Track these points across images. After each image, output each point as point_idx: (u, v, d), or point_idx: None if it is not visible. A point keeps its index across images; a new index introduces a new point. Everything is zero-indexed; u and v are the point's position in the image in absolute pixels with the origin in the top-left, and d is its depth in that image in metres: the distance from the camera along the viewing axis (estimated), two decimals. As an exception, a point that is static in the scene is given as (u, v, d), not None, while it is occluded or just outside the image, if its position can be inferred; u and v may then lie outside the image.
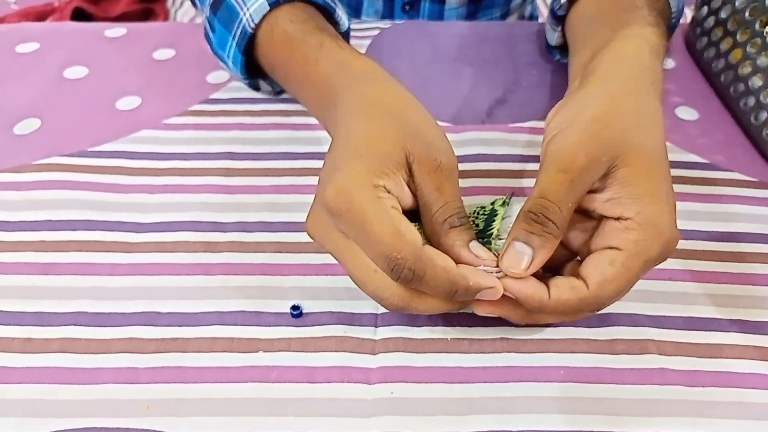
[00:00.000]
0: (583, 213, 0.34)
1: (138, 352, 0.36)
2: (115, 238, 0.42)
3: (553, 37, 0.52)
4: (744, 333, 0.37)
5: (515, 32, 0.60)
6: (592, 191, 0.32)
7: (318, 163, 0.47)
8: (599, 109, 0.33)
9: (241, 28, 0.44)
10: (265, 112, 0.51)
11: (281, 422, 0.33)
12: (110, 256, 0.41)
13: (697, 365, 0.36)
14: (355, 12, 0.70)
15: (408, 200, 0.33)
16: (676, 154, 0.48)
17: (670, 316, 0.38)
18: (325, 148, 0.47)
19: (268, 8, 0.43)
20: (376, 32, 0.60)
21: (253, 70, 0.48)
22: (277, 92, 0.52)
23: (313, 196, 0.35)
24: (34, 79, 0.54)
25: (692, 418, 0.33)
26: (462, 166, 0.47)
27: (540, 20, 0.89)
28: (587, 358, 0.36)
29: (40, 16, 1.03)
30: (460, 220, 0.32)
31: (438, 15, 0.70)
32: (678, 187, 0.44)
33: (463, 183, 0.45)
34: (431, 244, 0.32)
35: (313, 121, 0.51)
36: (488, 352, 0.36)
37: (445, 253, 0.31)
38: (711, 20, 0.53)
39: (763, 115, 0.47)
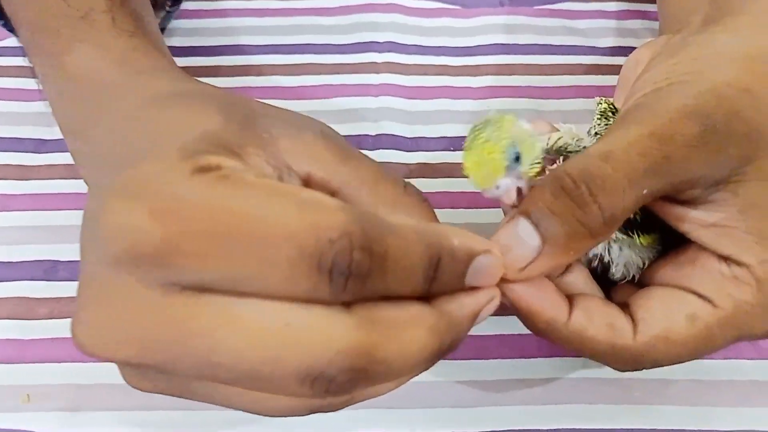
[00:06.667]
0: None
1: (25, 318, 0.27)
2: (10, 160, 0.32)
3: None
4: None
5: None
6: (689, 201, 0.20)
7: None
8: (744, 71, 0.21)
9: None
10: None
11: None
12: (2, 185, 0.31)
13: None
14: None
15: None
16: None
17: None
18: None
19: None
20: None
21: None
22: None
23: None
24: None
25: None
26: (476, 60, 0.39)
27: None
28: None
29: None
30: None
31: None
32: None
33: (478, 82, 0.37)
34: None
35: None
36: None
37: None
38: None
39: None
